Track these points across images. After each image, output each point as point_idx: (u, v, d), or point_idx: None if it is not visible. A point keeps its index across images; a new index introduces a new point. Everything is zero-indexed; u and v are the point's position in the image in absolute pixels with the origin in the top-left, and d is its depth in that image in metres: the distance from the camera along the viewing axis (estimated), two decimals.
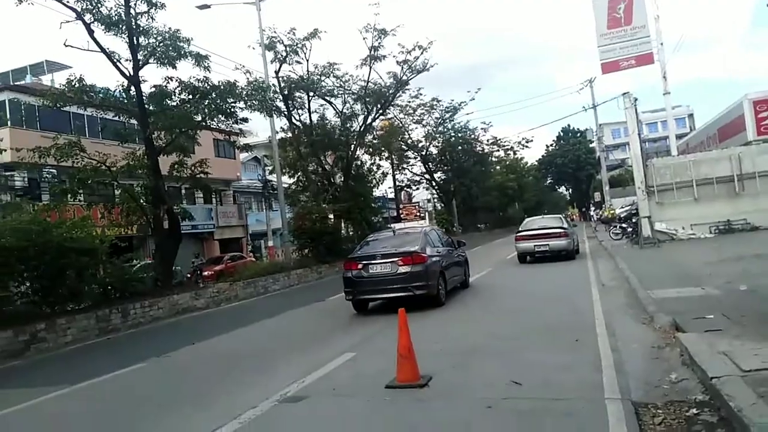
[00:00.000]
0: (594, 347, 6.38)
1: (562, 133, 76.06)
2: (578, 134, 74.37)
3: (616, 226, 25.59)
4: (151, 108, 16.71)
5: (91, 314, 12.14)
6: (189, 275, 21.74)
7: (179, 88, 16.63)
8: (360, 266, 10.84)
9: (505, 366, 5.96)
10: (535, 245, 18.05)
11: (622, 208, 32.63)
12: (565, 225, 19.11)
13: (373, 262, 10.75)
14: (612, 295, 10.27)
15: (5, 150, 16.00)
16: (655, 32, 28.94)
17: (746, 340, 5.35)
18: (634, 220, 22.71)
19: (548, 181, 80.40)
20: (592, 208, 58.82)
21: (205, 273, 23.11)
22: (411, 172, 48.54)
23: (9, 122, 22.86)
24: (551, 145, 77.81)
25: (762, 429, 3.36)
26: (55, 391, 6.95)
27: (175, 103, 17.04)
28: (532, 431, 4.12)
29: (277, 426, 4.83)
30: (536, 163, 77.28)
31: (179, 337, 10.71)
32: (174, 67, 16.06)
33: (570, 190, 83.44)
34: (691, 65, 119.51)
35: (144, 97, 16.29)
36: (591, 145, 66.07)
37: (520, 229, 19.63)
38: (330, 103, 28.08)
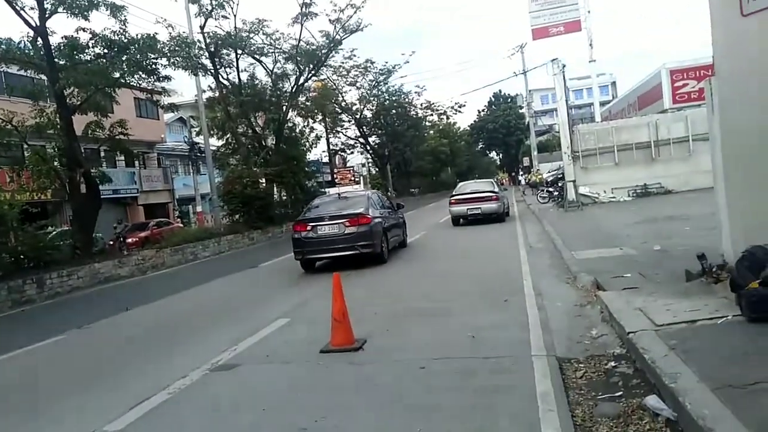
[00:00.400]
0: (522, 307, 6.62)
1: (493, 99, 77.41)
2: (509, 100, 75.95)
3: (543, 190, 26.60)
4: (61, 62, 15.42)
5: (2, 285, 11.36)
6: (111, 242, 20.66)
7: (93, 41, 15.43)
8: (309, 228, 11.40)
9: (438, 327, 6.09)
10: (468, 209, 18.69)
11: (549, 172, 33.90)
12: (496, 189, 19.72)
13: (321, 223, 11.35)
14: (538, 256, 10.68)
15: None
16: (583, 1, 29.68)
17: (659, 297, 5.70)
18: (560, 184, 23.66)
19: (480, 146, 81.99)
20: (521, 173, 60.83)
21: (129, 240, 22.04)
22: (345, 135, 48.18)
23: None
24: (483, 110, 79.14)
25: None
26: None
27: (88, 58, 15.80)
28: (463, 389, 4.22)
29: (208, 395, 4.70)
30: (468, 128, 78.47)
31: (101, 308, 10.23)
32: (86, 18, 14.85)
33: (500, 155, 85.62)
34: (617, 36, 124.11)
35: (53, 50, 14.98)
36: (521, 111, 67.69)
37: (453, 193, 20.13)
38: (260, 62, 27.08)
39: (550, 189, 25.71)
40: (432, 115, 52.49)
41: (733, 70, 5.38)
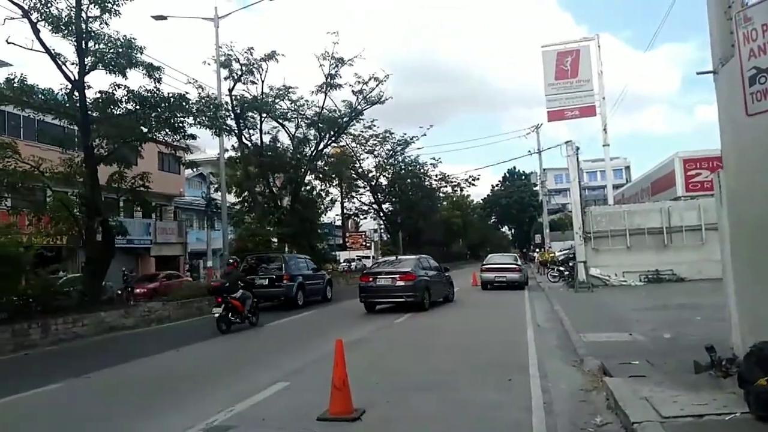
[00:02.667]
0: (526, 387, 6.50)
1: (507, 175, 78.63)
2: (523, 177, 77.08)
3: (554, 269, 26.44)
4: (94, 115, 16.12)
5: (7, 327, 11.35)
6: (119, 291, 20.73)
7: (126, 97, 16.14)
8: (371, 279, 15.86)
9: (440, 402, 5.97)
10: (495, 276, 23.01)
11: (561, 251, 33.82)
12: (519, 262, 24.41)
13: (379, 276, 15.80)
14: (546, 336, 10.54)
15: None
16: (598, 87, 30.71)
17: (667, 387, 5.59)
18: (570, 264, 23.56)
19: (492, 220, 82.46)
20: (533, 250, 60.66)
21: (138, 290, 22.08)
22: (359, 201, 48.79)
23: None
24: (497, 185, 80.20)
25: None
26: None
27: (120, 112, 16.50)
28: None
29: None
30: (482, 201, 79.26)
31: (103, 357, 10.17)
32: (124, 75, 15.61)
33: (513, 230, 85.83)
34: (630, 120, 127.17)
35: (88, 103, 15.70)
36: (535, 188, 68.47)
37: (484, 263, 25.02)
38: (283, 126, 28.06)
39: (561, 268, 25.57)
40: (446, 186, 53.28)
41: (740, 165, 5.52)
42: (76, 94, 15.50)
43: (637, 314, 12.13)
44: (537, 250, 41.69)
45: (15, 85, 14.95)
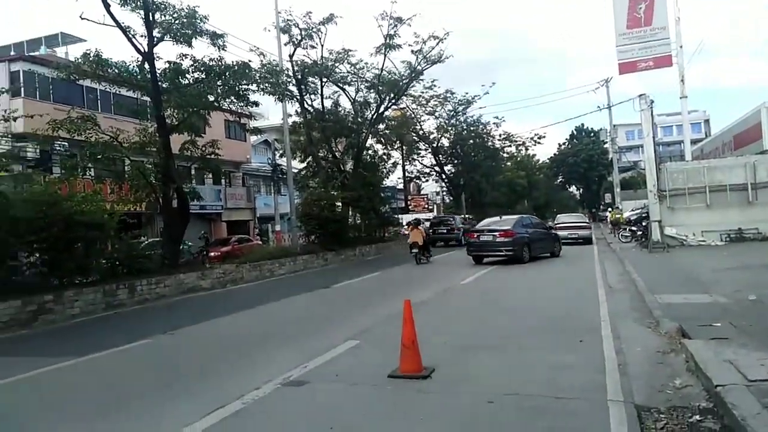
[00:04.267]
0: (598, 348, 6.36)
1: (575, 132, 75.52)
2: (591, 134, 73.74)
3: (625, 229, 25.44)
4: (164, 85, 16.72)
5: (99, 288, 12.25)
6: (195, 255, 21.84)
7: (193, 67, 16.61)
8: (475, 236, 18.54)
9: (509, 362, 5.98)
10: (568, 233, 25.40)
11: (632, 211, 32.43)
12: (587, 221, 28.43)
13: (483, 233, 18.24)
14: (618, 297, 10.23)
15: (17, 118, 16.02)
16: (675, 34, 28.55)
17: (752, 350, 5.31)
18: (644, 224, 22.56)
19: (558, 180, 79.87)
20: (602, 209, 58.56)
21: (212, 254, 23.18)
22: (421, 163, 48.39)
23: (23, 93, 22.97)
24: (564, 143, 77.31)
25: None
26: (60, 362, 7.03)
27: (188, 82, 17.02)
28: (532, 428, 4.11)
29: (279, 409, 4.85)
30: (547, 161, 76.76)
31: (184, 316, 10.84)
32: (189, 45, 16.05)
33: (580, 190, 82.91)
34: (710, 71, 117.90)
35: (158, 75, 16.28)
36: (604, 146, 65.45)
37: (556, 222, 28.09)
38: (343, 89, 28.02)
39: (633, 228, 24.54)
40: (510, 146, 51.82)
41: None
42: (147, 65, 16.09)
43: (717, 275, 11.52)
44: (609, 209, 40.12)
45: (91, 59, 15.68)
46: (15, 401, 5.69)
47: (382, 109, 29.01)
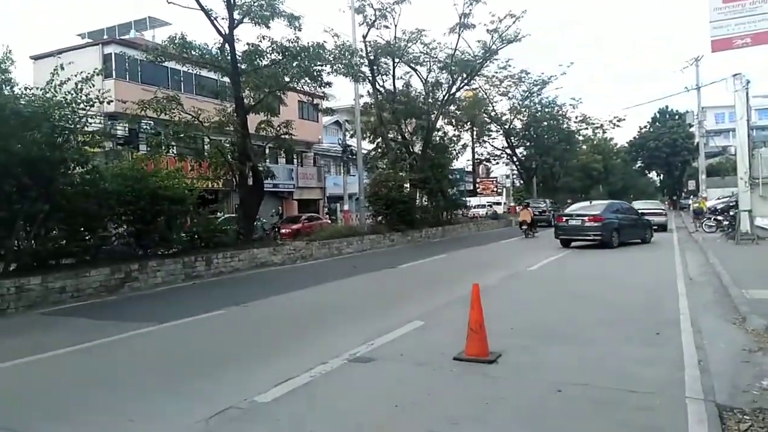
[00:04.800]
0: (677, 343, 6.05)
1: (658, 115, 70.98)
2: (676, 117, 69.14)
3: (710, 218, 23.87)
4: (243, 67, 17.24)
5: (179, 260, 12.97)
6: (268, 231, 22.63)
7: (271, 48, 17.01)
8: (564, 220, 18.95)
9: (578, 352, 5.81)
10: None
11: (719, 199, 30.38)
12: (663, 207, 26.75)
13: (571, 217, 18.72)
14: (700, 290, 9.66)
15: (111, 101, 17.09)
16: None
17: None
18: (731, 213, 21.09)
19: (638, 165, 75.81)
20: (685, 197, 55.27)
21: (283, 231, 23.94)
22: (492, 145, 47.46)
23: (114, 74, 24.44)
24: (645, 127, 73.00)
25: None
26: (144, 327, 7.56)
27: (265, 63, 17.47)
28: (603, 421, 3.99)
29: (345, 383, 4.98)
30: (626, 144, 72.98)
31: (256, 289, 11.29)
32: (267, 26, 16.46)
33: (661, 176, 78.35)
34: None
35: (237, 56, 16.81)
36: (690, 130, 61.32)
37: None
38: (415, 70, 27.82)
39: (719, 218, 22.98)
40: (586, 129, 49.74)
41: None
42: (227, 47, 16.65)
43: None
44: (692, 197, 37.79)
45: (176, 42, 16.41)
46: (103, 363, 6.17)
47: (453, 89, 28.59)
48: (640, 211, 23.10)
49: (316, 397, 4.63)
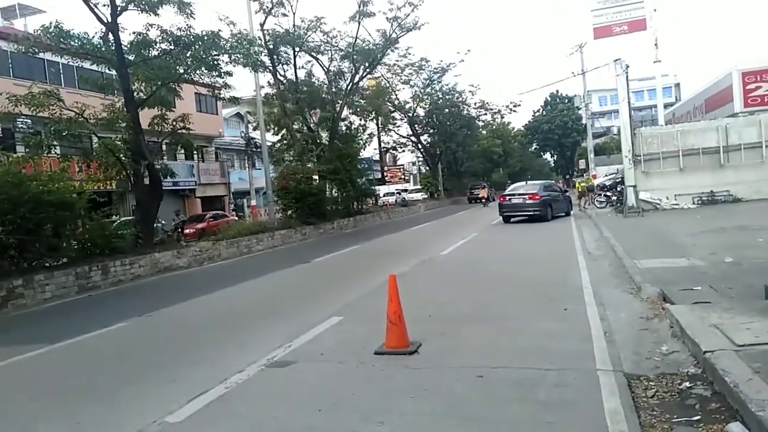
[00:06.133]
0: (583, 316, 6.37)
1: (549, 99, 75.45)
2: (566, 100, 73.92)
3: (600, 195, 25.69)
4: (130, 58, 16.03)
5: (70, 271, 11.89)
6: (170, 233, 21.40)
7: (161, 37, 15.95)
8: (507, 198, 21.30)
9: (495, 333, 5.94)
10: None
11: (606, 176, 32.69)
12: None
13: (513, 196, 21.25)
14: (598, 263, 10.29)
15: None
16: None
17: (736, 314, 5.34)
18: (619, 189, 22.82)
19: (533, 147, 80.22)
20: (576, 176, 59.12)
21: (187, 231, 22.75)
22: (397, 134, 48.07)
23: None
24: (538, 110, 77.31)
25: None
26: (32, 350, 6.77)
27: (156, 54, 16.36)
28: (525, 402, 4.06)
29: (265, 391, 4.73)
30: (522, 128, 76.89)
31: (161, 296, 10.58)
32: (155, 13, 15.37)
33: (555, 157, 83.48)
34: (682, 36, 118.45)
35: (123, 46, 15.59)
36: (578, 112, 65.74)
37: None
38: (317, 59, 27.41)
39: (608, 194, 24.81)
40: (485, 114, 51.73)
41: None
42: (111, 37, 15.38)
43: (692, 238, 11.70)
44: (584, 175, 40.47)
45: (51, 31, 14.91)
46: None
47: (356, 78, 28.51)
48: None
49: (233, 411, 4.34)
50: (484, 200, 39.59)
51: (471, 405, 4.10)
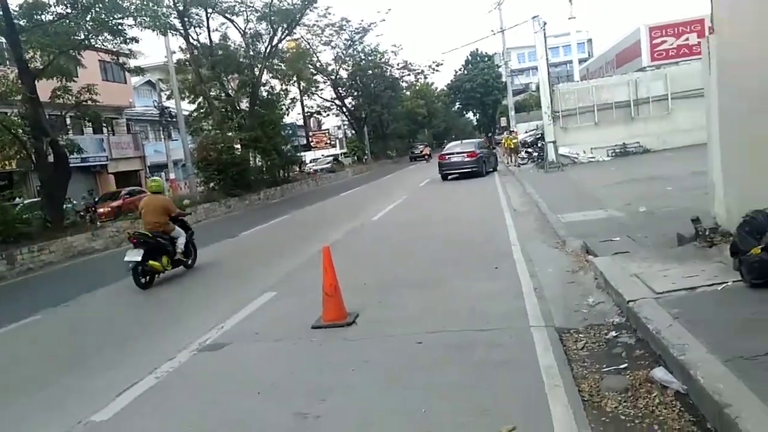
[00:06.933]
0: (513, 274, 6.54)
1: (470, 58, 76.28)
2: (486, 59, 75.01)
3: (522, 151, 26.48)
4: (21, 23, 14.50)
5: None
6: (82, 213, 19.99)
7: (55, 0, 14.49)
8: (446, 158, 22.65)
9: (431, 298, 5.98)
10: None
11: (526, 132, 33.74)
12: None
13: (452, 155, 22.60)
14: (524, 220, 10.61)
15: None
16: None
17: (653, 262, 5.65)
18: (539, 145, 23.60)
19: (456, 107, 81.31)
20: (502, 133, 60.69)
21: (101, 210, 21.35)
22: (321, 97, 47.06)
23: None
24: (460, 69, 78.10)
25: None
26: None
27: (51, 18, 14.88)
28: (463, 364, 4.11)
29: (199, 378, 4.52)
30: (445, 88, 77.53)
31: (77, 283, 9.89)
32: None
33: (477, 116, 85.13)
34: None
35: (12, 10, 14.05)
36: (498, 70, 66.97)
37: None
38: (232, 21, 26.08)
39: (530, 150, 25.64)
40: (409, 75, 51.61)
41: (736, 28, 5.19)
42: None
43: (609, 190, 12.30)
44: (503, 133, 41.61)
45: None
46: None
47: (275, 41, 27.40)
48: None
49: (166, 402, 4.13)
50: (427, 157, 46.02)
51: (412, 372, 4.11)
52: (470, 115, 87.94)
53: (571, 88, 22.87)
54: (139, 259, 8.01)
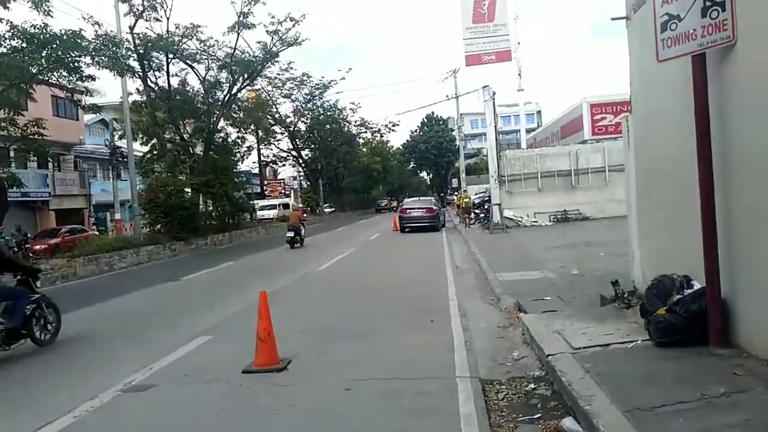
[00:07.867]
0: (447, 327, 6.73)
1: (426, 120, 79.00)
2: (441, 122, 77.85)
3: (470, 212, 27.30)
4: None
5: None
6: (15, 249, 19.10)
7: (10, 33, 14.42)
8: (407, 212, 24.62)
9: (365, 347, 6.07)
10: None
11: (477, 194, 34.83)
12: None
13: (413, 209, 24.70)
14: (464, 276, 10.95)
15: None
16: (514, 32, 31.07)
17: (576, 320, 5.98)
18: (486, 207, 24.45)
19: (411, 166, 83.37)
20: (453, 194, 62.31)
21: (37, 247, 20.48)
22: (278, 147, 47.50)
23: None
24: (415, 130, 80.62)
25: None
26: None
27: (4, 51, 14.74)
28: (389, 412, 4.20)
29: (119, 419, 4.40)
30: (401, 147, 79.64)
31: None
32: (5, 6, 13.87)
33: (431, 176, 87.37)
34: (544, 67, 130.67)
35: None
36: (452, 133, 69.46)
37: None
38: (192, 68, 26.39)
39: (477, 211, 26.49)
40: (366, 132, 53.00)
41: (648, 109, 5.79)
42: None
43: (547, 253, 12.86)
44: (455, 193, 42.79)
45: None
46: None
47: (235, 90, 27.79)
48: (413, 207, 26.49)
49: None
50: (393, 208, 53.13)
51: (338, 417, 4.16)
52: (424, 174, 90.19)
53: (517, 154, 24.07)
54: None
